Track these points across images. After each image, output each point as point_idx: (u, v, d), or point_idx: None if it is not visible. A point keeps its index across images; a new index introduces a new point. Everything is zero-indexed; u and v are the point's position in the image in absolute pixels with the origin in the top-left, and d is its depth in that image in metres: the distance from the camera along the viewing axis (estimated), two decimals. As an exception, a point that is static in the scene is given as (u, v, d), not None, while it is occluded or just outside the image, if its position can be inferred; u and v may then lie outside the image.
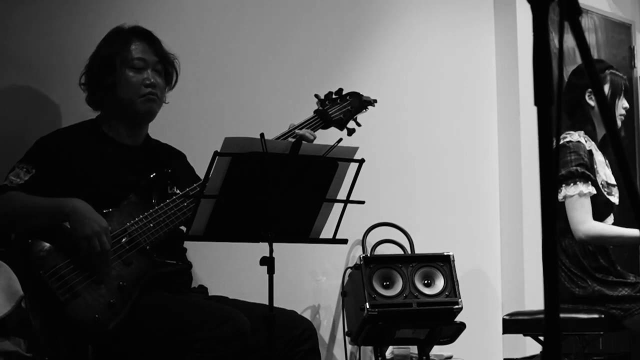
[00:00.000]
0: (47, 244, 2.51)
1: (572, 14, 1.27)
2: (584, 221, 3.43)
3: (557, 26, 1.28)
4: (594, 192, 3.46)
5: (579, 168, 3.45)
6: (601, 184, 3.53)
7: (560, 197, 3.47)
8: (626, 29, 5.37)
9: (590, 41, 5.04)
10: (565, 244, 3.49)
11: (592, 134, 3.59)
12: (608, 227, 3.50)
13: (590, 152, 3.53)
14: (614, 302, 3.39)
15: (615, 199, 3.57)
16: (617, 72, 3.69)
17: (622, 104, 3.66)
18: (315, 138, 2.78)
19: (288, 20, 3.76)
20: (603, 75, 3.64)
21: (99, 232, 2.50)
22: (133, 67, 2.75)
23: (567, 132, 3.57)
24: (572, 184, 3.45)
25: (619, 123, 3.71)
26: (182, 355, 2.47)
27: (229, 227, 2.43)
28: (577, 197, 3.44)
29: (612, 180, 3.60)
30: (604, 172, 3.57)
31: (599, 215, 3.49)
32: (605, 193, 3.53)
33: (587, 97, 3.61)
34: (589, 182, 3.45)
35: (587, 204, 3.44)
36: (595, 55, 4.91)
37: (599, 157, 3.58)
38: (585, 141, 3.54)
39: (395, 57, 4.18)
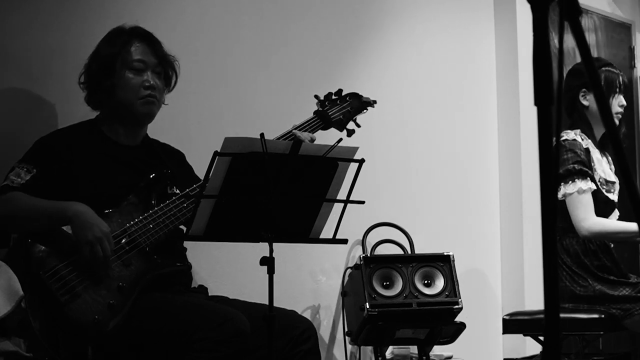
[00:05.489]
0: (46, 247, 2.50)
1: (572, 14, 1.27)
2: (586, 218, 3.43)
3: (557, 26, 1.28)
4: (594, 187, 3.46)
5: (576, 165, 3.45)
6: (599, 181, 3.52)
7: (559, 195, 3.47)
8: (626, 29, 5.37)
9: (590, 41, 5.04)
10: (566, 243, 3.50)
11: (588, 133, 3.58)
12: (611, 223, 3.49)
13: (587, 150, 3.52)
14: (615, 302, 3.39)
15: (614, 196, 3.57)
16: (613, 69, 3.64)
17: (619, 102, 3.62)
18: (313, 140, 2.78)
19: (288, 21, 3.76)
20: None
21: (101, 237, 2.50)
22: (133, 69, 2.74)
23: (564, 131, 3.57)
24: (570, 182, 3.45)
25: (616, 121, 3.66)
26: (181, 355, 2.47)
27: (229, 227, 2.43)
28: (576, 195, 3.44)
29: (611, 177, 3.60)
30: (602, 170, 3.56)
31: (600, 214, 3.49)
32: (603, 190, 3.53)
33: (580, 98, 3.61)
34: (588, 179, 3.45)
35: (587, 200, 3.44)
36: (594, 55, 4.91)
37: (596, 155, 3.57)
38: (582, 139, 3.54)
39: (395, 57, 4.18)
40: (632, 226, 3.49)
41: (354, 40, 4.02)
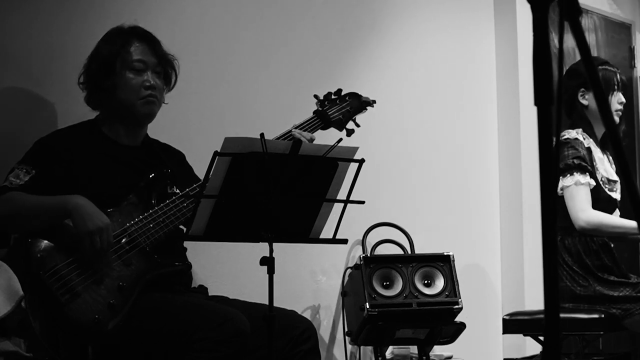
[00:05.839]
0: (48, 244, 2.51)
1: (572, 14, 1.27)
2: (583, 209, 3.43)
3: (557, 26, 1.28)
4: (593, 183, 3.46)
5: (575, 160, 3.45)
6: (601, 180, 3.53)
7: (557, 189, 3.46)
8: (626, 29, 5.37)
9: (590, 41, 5.04)
10: (568, 242, 3.49)
11: (589, 132, 3.58)
12: (608, 217, 3.49)
13: (588, 149, 3.53)
14: (615, 302, 3.38)
15: (617, 194, 3.57)
16: (609, 67, 3.64)
17: (618, 99, 3.61)
18: (312, 140, 2.78)
19: (288, 21, 3.76)
20: None
21: (101, 228, 2.50)
22: (133, 69, 2.74)
23: (566, 130, 3.57)
24: (568, 175, 3.45)
25: (616, 119, 3.65)
26: (181, 355, 2.47)
27: (229, 227, 2.43)
28: (574, 187, 3.44)
29: (614, 176, 3.59)
30: (604, 168, 3.57)
31: (602, 212, 3.49)
32: (606, 189, 3.53)
33: (579, 97, 3.61)
34: (587, 173, 3.45)
35: (584, 192, 3.44)
36: (593, 55, 4.90)
37: (598, 154, 3.57)
38: (584, 138, 3.54)
39: (395, 57, 4.18)
40: (630, 223, 3.48)
41: (354, 40, 4.02)
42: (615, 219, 3.51)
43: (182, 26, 3.40)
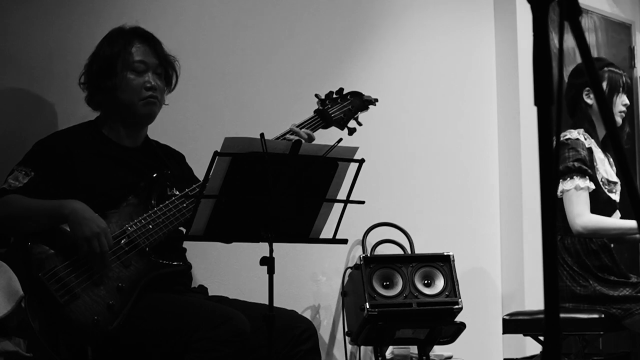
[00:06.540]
0: (46, 247, 2.50)
1: (572, 14, 1.27)
2: (581, 214, 3.43)
3: (557, 26, 1.28)
4: (592, 187, 3.46)
5: (575, 163, 3.45)
6: (601, 180, 3.52)
7: (557, 192, 3.47)
8: (626, 29, 5.37)
9: (590, 41, 5.04)
10: (567, 242, 3.50)
11: (591, 132, 3.59)
12: (605, 219, 3.49)
13: (589, 150, 3.53)
14: (615, 302, 3.38)
15: (616, 196, 3.57)
16: (616, 69, 3.66)
17: (622, 101, 3.63)
18: (312, 138, 2.78)
19: (288, 20, 3.76)
20: (600, 73, 3.62)
21: (99, 233, 2.50)
22: (134, 70, 2.74)
23: (567, 130, 3.57)
24: (568, 179, 3.45)
25: (619, 120, 3.68)
26: (181, 355, 2.47)
27: (229, 227, 2.43)
28: (573, 191, 3.44)
29: (614, 178, 3.60)
30: (604, 169, 3.57)
31: (601, 214, 3.49)
32: (605, 190, 3.53)
33: (584, 96, 3.62)
34: (587, 177, 3.45)
35: (584, 197, 3.44)
36: (595, 56, 4.90)
37: (599, 155, 3.57)
38: (585, 139, 3.54)
39: (396, 57, 4.18)
40: (626, 223, 3.48)
41: (354, 39, 4.02)
42: (611, 221, 3.50)
43: (182, 26, 3.40)
